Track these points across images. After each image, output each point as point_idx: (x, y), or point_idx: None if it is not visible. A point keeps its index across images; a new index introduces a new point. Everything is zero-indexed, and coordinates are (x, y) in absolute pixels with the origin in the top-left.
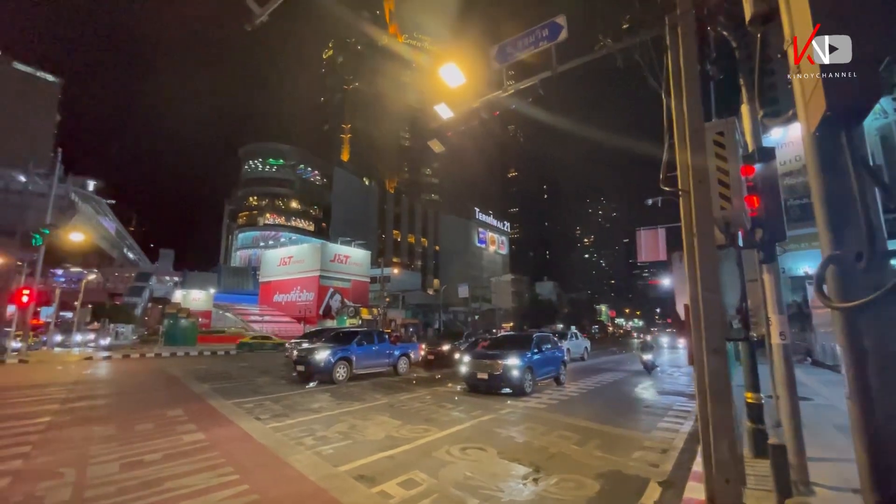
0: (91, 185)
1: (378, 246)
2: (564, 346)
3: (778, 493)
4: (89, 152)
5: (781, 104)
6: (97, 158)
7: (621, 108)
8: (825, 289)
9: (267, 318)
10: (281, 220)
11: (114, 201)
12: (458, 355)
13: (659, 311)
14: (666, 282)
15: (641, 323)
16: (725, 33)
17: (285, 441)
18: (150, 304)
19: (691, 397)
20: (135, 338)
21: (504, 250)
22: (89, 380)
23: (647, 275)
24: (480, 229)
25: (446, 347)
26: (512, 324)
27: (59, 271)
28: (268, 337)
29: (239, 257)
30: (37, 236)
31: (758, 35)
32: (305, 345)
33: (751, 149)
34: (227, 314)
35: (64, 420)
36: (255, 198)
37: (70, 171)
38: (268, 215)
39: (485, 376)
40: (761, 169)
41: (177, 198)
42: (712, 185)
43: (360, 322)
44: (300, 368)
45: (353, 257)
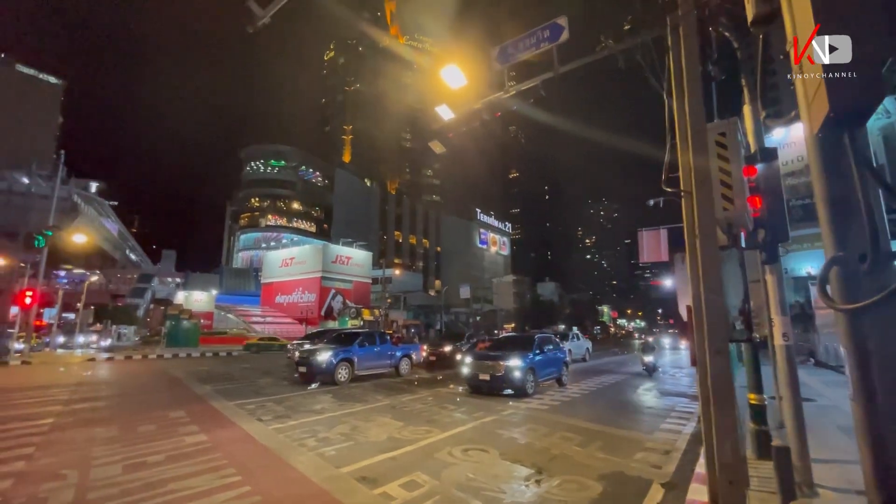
0: (93, 186)
1: (379, 247)
2: (566, 347)
3: (782, 495)
4: (92, 154)
5: (783, 104)
6: (99, 160)
7: (623, 108)
8: (829, 290)
9: (269, 319)
10: (283, 222)
11: (116, 203)
12: (460, 356)
13: (661, 311)
14: (668, 282)
15: (643, 324)
16: (727, 34)
17: (287, 442)
18: (152, 306)
19: (693, 398)
20: (137, 339)
21: (505, 251)
22: (92, 381)
23: (648, 275)
24: (482, 230)
25: (448, 348)
26: (513, 325)
27: (62, 273)
28: (275, 338)
29: (241, 258)
30: (40, 238)
31: (760, 35)
32: (307, 346)
33: (753, 149)
34: (229, 315)
35: (67, 421)
36: (257, 199)
37: (73, 172)
38: (269, 216)
39: (487, 377)
40: (763, 169)
41: (179, 199)
42: (714, 186)
43: (362, 323)
44: (302, 370)
45: (355, 258)
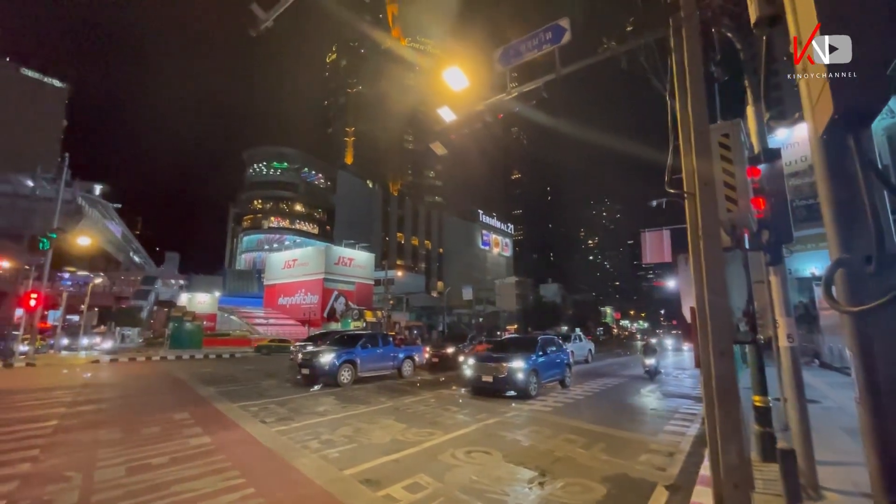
0: (97, 189)
1: (382, 248)
2: (568, 349)
3: (787, 498)
4: (96, 157)
5: (787, 105)
6: (104, 163)
7: (625, 110)
8: (834, 292)
9: (272, 321)
10: (285, 223)
11: (120, 205)
12: (463, 358)
13: (664, 312)
14: (671, 283)
15: (646, 325)
16: (730, 35)
17: (291, 444)
18: (155, 308)
19: (697, 400)
20: (140, 341)
21: (508, 252)
22: (96, 383)
23: (651, 276)
24: (484, 231)
25: (451, 350)
26: (516, 326)
27: (66, 275)
28: (285, 340)
29: (244, 260)
30: (44, 240)
31: (763, 37)
32: (310, 348)
33: (756, 150)
34: (233, 317)
35: (71, 423)
36: (260, 201)
37: (77, 175)
38: (272, 218)
39: (489, 379)
40: (767, 170)
41: (182, 201)
42: (718, 187)
43: (365, 325)
44: (305, 371)
45: (357, 260)
